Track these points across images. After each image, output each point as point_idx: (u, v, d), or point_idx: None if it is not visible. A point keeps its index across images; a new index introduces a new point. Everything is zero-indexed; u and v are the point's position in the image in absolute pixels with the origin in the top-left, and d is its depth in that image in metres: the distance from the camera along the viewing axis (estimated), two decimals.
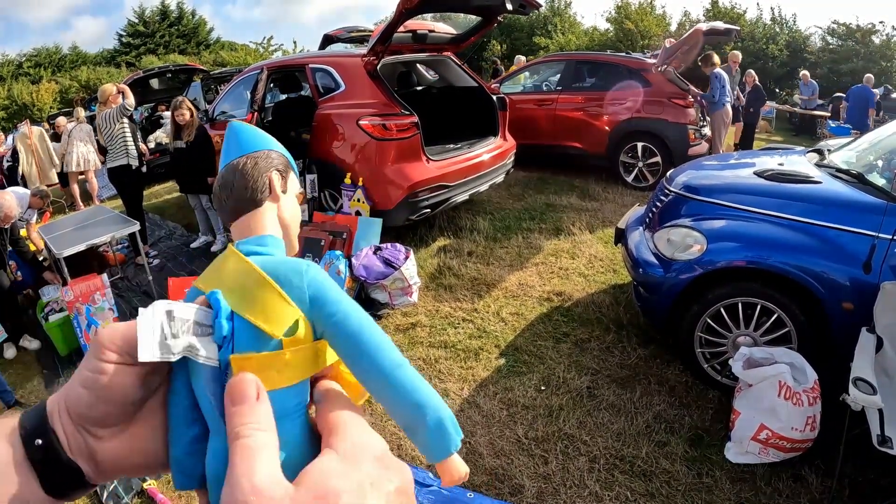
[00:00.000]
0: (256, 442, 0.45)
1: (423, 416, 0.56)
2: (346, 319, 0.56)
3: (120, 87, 6.27)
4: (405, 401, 0.56)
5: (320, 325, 0.55)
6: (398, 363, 0.57)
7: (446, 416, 0.58)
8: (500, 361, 3.75)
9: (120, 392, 0.51)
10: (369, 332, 0.56)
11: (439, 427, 0.57)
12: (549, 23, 25.63)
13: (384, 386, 0.55)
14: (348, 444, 0.47)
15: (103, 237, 4.95)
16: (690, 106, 7.47)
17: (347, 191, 5.29)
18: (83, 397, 0.51)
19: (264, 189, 0.69)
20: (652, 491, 2.63)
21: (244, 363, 0.51)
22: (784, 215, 3.09)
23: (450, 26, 6.59)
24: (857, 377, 2.25)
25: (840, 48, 19.33)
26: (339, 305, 0.56)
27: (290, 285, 0.55)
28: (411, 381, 0.57)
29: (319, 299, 0.55)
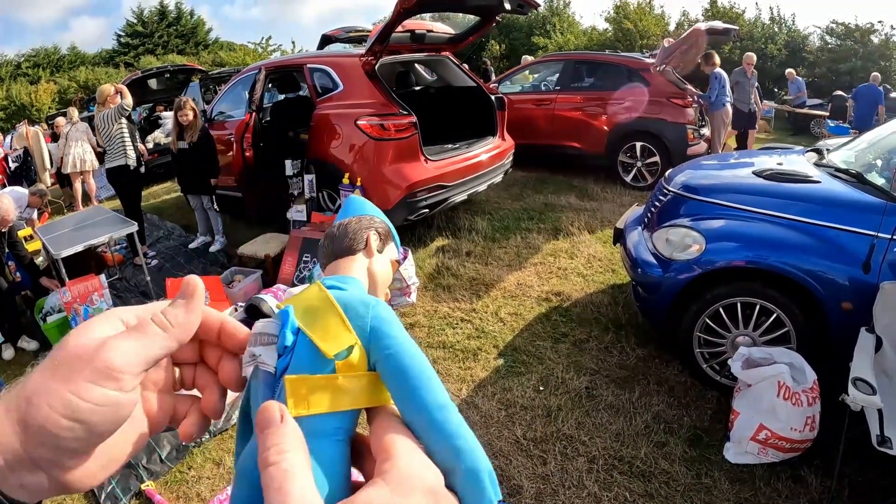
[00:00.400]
0: (287, 467, 0.42)
1: (459, 463, 0.54)
2: (400, 354, 0.55)
3: (118, 88, 6.24)
4: (445, 444, 0.54)
5: (374, 356, 0.56)
6: (443, 405, 0.56)
7: (483, 468, 0.57)
8: (499, 362, 3.74)
9: (122, 420, 0.45)
10: (420, 370, 0.56)
11: (474, 476, 0.56)
12: (548, 23, 25.65)
13: (427, 424, 0.54)
14: (400, 474, 0.45)
15: (101, 238, 4.93)
16: (689, 106, 7.47)
17: (346, 191, 5.28)
18: (68, 433, 0.42)
19: (361, 242, 0.79)
20: (651, 491, 2.63)
21: (297, 383, 0.52)
22: (783, 215, 3.08)
23: (448, 26, 6.58)
24: (856, 377, 2.25)
25: (839, 48, 19.34)
26: (396, 340, 0.56)
27: (355, 314, 0.57)
28: (455, 424, 0.55)
29: (379, 331, 0.57)
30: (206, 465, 3.05)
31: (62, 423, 0.41)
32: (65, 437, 0.41)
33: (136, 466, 3.02)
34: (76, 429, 0.42)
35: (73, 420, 0.41)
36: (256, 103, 6.04)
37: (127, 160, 6.07)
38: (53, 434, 0.41)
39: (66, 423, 0.41)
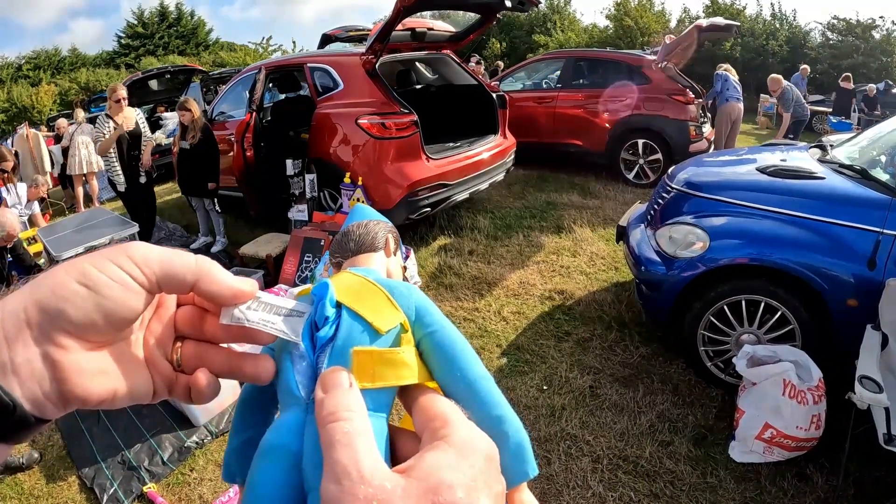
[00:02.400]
0: (355, 427, 0.41)
1: (504, 431, 0.59)
2: (443, 331, 0.59)
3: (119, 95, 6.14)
4: (489, 413, 0.59)
5: (419, 334, 0.59)
6: (485, 376, 0.60)
7: (527, 439, 0.62)
8: (502, 361, 3.72)
9: (124, 313, 0.44)
10: (462, 345, 0.60)
11: (519, 446, 0.60)
12: (549, 20, 25.62)
13: (471, 395, 0.58)
14: (461, 437, 0.43)
15: (102, 239, 4.92)
16: (691, 102, 7.44)
17: (347, 190, 5.26)
18: (76, 296, 0.41)
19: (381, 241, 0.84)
20: (656, 491, 2.61)
21: (364, 356, 0.53)
22: (787, 212, 3.06)
23: (448, 24, 6.56)
24: (862, 375, 2.23)
25: (840, 44, 19.29)
26: (439, 318, 0.61)
27: (399, 293, 0.60)
28: (497, 395, 0.60)
29: (423, 311, 0.60)
30: (209, 467, 3.04)
31: (72, 286, 0.41)
32: (71, 300, 0.41)
33: (138, 468, 3.01)
34: (83, 293, 0.41)
35: (83, 284, 0.41)
36: (257, 103, 6.02)
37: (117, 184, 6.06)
38: (60, 296, 0.41)
39: (75, 287, 0.41)
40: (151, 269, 0.44)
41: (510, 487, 0.59)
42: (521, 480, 0.61)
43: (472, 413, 0.58)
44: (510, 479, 0.59)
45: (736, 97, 8.29)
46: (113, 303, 0.43)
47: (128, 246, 0.44)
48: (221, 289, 0.48)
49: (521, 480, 0.61)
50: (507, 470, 0.56)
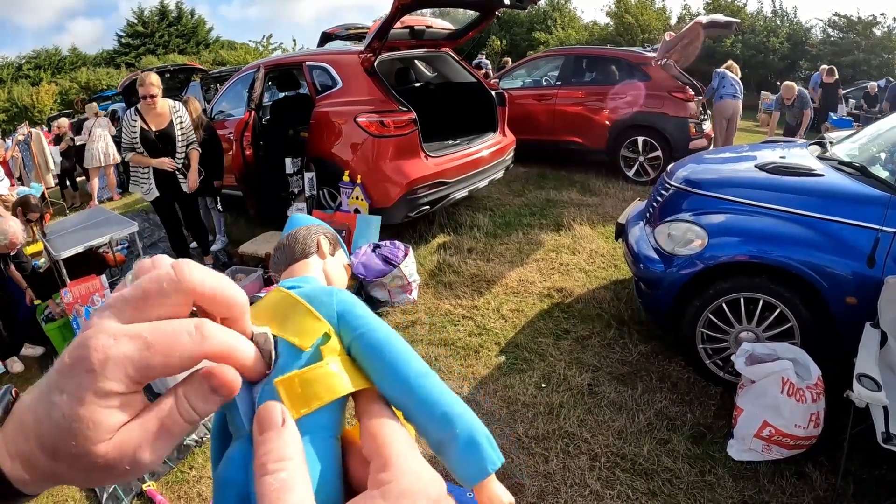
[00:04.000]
0: (285, 480, 0.39)
1: (451, 429, 0.54)
2: (372, 332, 0.56)
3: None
4: (432, 412, 0.54)
5: (347, 338, 0.56)
6: (423, 373, 0.55)
7: (480, 432, 0.56)
8: (501, 359, 3.72)
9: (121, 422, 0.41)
10: (394, 343, 0.56)
11: (471, 442, 0.55)
12: (549, 18, 25.64)
13: (409, 396, 0.53)
14: (401, 490, 0.41)
15: (102, 238, 4.92)
16: (691, 99, 7.43)
17: (346, 188, 5.26)
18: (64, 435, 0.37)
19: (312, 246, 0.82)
20: (654, 489, 2.60)
21: (289, 382, 0.50)
22: (786, 209, 3.05)
23: (447, 22, 6.55)
24: (861, 373, 2.22)
25: (841, 40, 19.30)
26: (364, 319, 0.57)
27: (321, 303, 0.57)
28: (438, 390, 0.55)
29: (347, 314, 0.57)
30: (208, 465, 3.04)
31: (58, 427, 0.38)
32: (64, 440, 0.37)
33: None
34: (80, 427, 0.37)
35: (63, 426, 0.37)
36: (256, 102, 6.01)
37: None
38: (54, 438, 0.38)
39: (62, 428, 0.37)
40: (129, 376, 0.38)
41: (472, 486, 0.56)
42: (481, 478, 0.57)
43: (415, 415, 0.54)
44: (470, 479, 0.55)
45: (731, 94, 8.29)
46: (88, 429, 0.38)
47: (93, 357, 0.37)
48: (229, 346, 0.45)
49: (480, 478, 0.57)
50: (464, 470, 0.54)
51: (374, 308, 4.44)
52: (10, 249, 4.30)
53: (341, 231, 4.94)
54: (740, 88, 8.45)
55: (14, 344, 4.43)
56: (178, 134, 4.85)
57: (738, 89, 8.38)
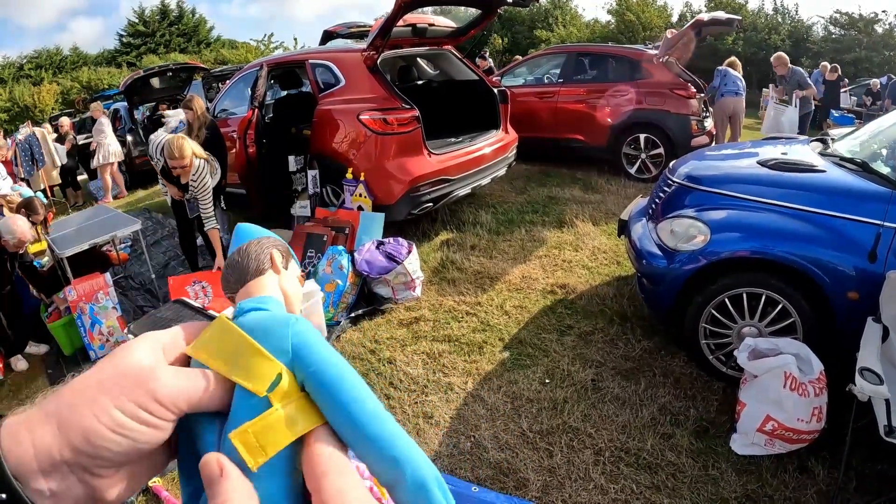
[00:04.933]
0: None
1: (401, 473, 0.52)
2: (323, 370, 0.54)
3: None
4: (381, 455, 0.52)
5: (300, 375, 0.54)
6: (375, 414, 0.54)
7: (430, 476, 0.53)
8: (504, 355, 3.73)
9: (155, 443, 0.49)
10: (349, 383, 0.54)
11: (420, 487, 0.52)
12: (550, 16, 25.62)
13: (358, 438, 0.53)
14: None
15: (105, 236, 4.94)
16: (692, 97, 7.43)
17: (349, 186, 5.27)
18: (112, 445, 0.45)
19: (266, 261, 0.76)
20: (658, 483, 2.62)
21: (243, 436, 0.50)
22: (788, 205, 3.06)
23: (449, 20, 6.56)
24: (863, 367, 2.24)
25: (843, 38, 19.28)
26: (318, 356, 0.55)
27: (273, 335, 0.55)
28: (389, 434, 0.53)
29: (300, 350, 0.55)
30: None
31: (107, 435, 0.45)
32: (108, 448, 0.45)
33: None
34: (118, 441, 0.45)
35: (117, 434, 0.45)
36: (259, 100, 6.03)
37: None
38: (97, 445, 0.45)
39: (111, 436, 0.45)
40: (179, 409, 0.49)
41: None
42: None
43: (365, 457, 0.53)
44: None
45: (733, 92, 8.29)
46: (146, 442, 0.48)
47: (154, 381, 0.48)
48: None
49: None
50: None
51: (377, 305, 4.46)
52: (19, 248, 4.32)
53: (344, 228, 4.96)
54: (743, 86, 8.45)
55: (18, 342, 4.45)
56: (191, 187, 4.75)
57: (741, 86, 8.38)
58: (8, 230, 4.15)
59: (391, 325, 4.23)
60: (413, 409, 3.27)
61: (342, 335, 4.15)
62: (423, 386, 3.47)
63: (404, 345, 3.96)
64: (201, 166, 4.58)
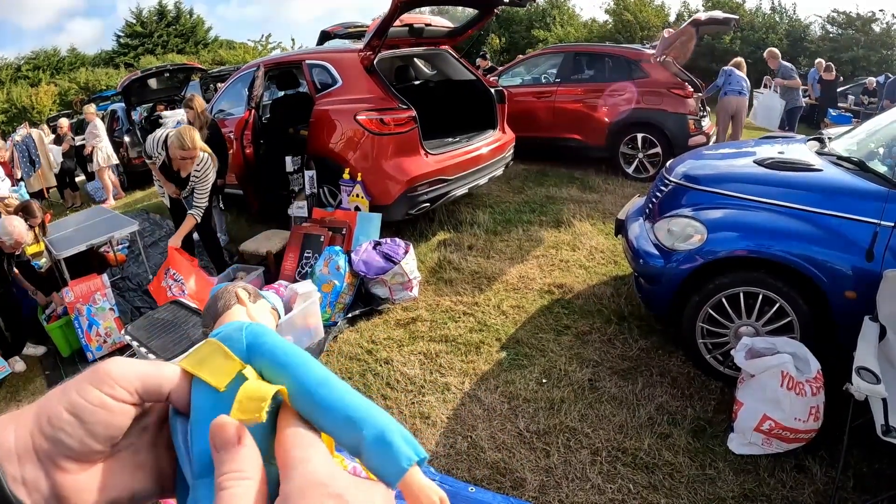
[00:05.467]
0: (236, 492, 0.42)
1: (358, 431, 0.52)
2: (272, 352, 0.56)
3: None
4: (337, 418, 0.52)
5: (257, 366, 0.55)
6: (323, 381, 0.54)
7: (389, 429, 0.52)
8: (502, 355, 3.73)
9: (114, 431, 0.48)
10: (293, 357, 0.56)
11: (380, 441, 0.52)
12: (548, 15, 25.61)
13: (313, 406, 0.53)
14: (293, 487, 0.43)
15: (102, 237, 4.93)
16: (690, 96, 7.43)
17: (346, 186, 5.27)
18: (67, 426, 0.45)
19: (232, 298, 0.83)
20: (655, 483, 2.62)
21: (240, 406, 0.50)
22: (785, 204, 3.06)
23: (447, 20, 6.56)
24: (860, 366, 2.23)
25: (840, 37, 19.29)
26: (268, 344, 0.57)
27: (231, 339, 0.57)
28: (340, 397, 0.53)
29: (253, 344, 0.57)
30: None
31: (63, 416, 0.45)
32: (64, 430, 0.45)
33: None
34: (73, 423, 0.45)
35: (71, 413, 0.45)
36: (256, 100, 6.02)
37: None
38: (56, 426, 0.45)
39: (66, 416, 0.45)
40: (132, 385, 0.48)
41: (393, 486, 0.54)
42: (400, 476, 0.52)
43: (324, 426, 0.53)
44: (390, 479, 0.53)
45: (737, 91, 8.30)
46: (100, 426, 0.47)
47: (109, 366, 0.48)
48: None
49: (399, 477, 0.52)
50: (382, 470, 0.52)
51: (375, 305, 4.46)
52: (16, 249, 4.31)
53: (341, 228, 4.95)
54: (747, 86, 8.47)
55: (16, 343, 4.44)
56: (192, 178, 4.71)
57: (745, 87, 8.39)
58: (5, 231, 4.15)
59: (388, 326, 4.23)
60: (410, 409, 3.27)
61: (339, 336, 4.15)
62: (420, 386, 3.47)
63: (401, 345, 3.95)
64: (205, 159, 4.57)
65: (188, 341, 3.30)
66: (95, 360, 4.27)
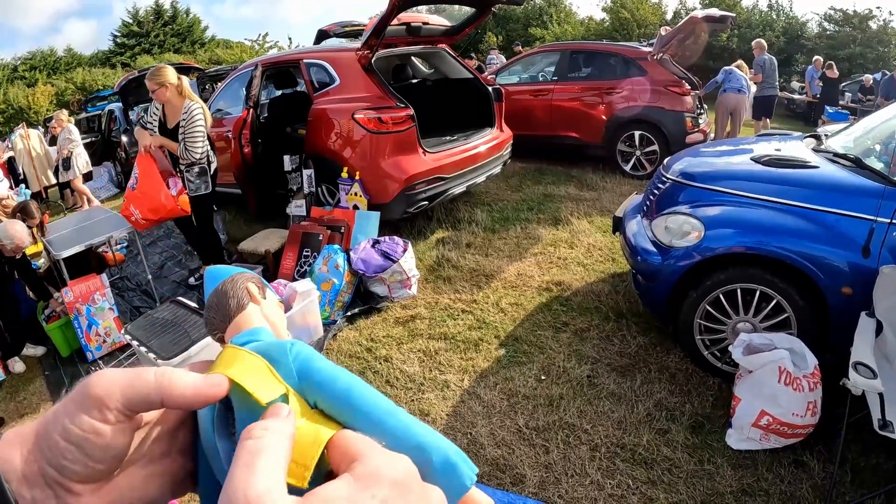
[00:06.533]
0: (262, 444, 0.40)
1: (427, 457, 0.56)
2: (334, 382, 0.56)
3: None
4: (405, 446, 0.54)
5: (312, 394, 0.56)
6: (391, 411, 0.57)
7: (452, 452, 0.58)
8: (500, 352, 3.74)
9: (115, 452, 0.47)
10: (358, 389, 0.57)
11: (447, 465, 0.57)
12: (545, 13, 25.60)
13: (384, 436, 0.54)
14: (365, 469, 0.42)
15: (101, 237, 4.93)
16: (687, 94, 7.45)
17: (344, 185, 5.27)
18: (67, 454, 0.45)
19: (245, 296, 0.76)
20: (653, 479, 2.63)
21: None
22: (782, 200, 3.08)
23: (444, 18, 6.56)
24: (857, 361, 2.25)
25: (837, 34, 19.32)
26: (323, 373, 0.57)
27: (278, 363, 0.56)
28: (406, 425, 0.57)
29: (306, 370, 0.57)
30: None
31: (60, 444, 0.44)
32: (65, 457, 0.44)
33: None
34: (72, 451, 0.44)
35: (67, 441, 0.44)
36: (253, 100, 6.02)
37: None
38: (56, 454, 0.44)
39: (63, 444, 0.44)
40: (116, 403, 0.46)
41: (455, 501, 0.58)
42: (462, 493, 0.59)
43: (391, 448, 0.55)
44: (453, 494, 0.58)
45: (736, 89, 8.37)
46: (98, 450, 0.46)
47: (90, 386, 0.46)
48: (187, 398, 0.48)
49: (462, 494, 0.59)
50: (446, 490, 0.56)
51: (373, 303, 4.47)
52: (16, 253, 4.32)
53: (340, 227, 4.96)
54: (747, 85, 8.51)
55: (16, 344, 4.44)
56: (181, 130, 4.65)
57: (745, 85, 8.44)
58: (6, 235, 4.15)
59: (387, 324, 4.24)
60: (409, 406, 3.28)
61: (338, 334, 4.15)
62: (420, 384, 3.48)
63: (400, 343, 3.96)
64: (189, 107, 4.53)
65: (188, 340, 3.30)
66: (95, 360, 4.28)
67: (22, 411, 3.86)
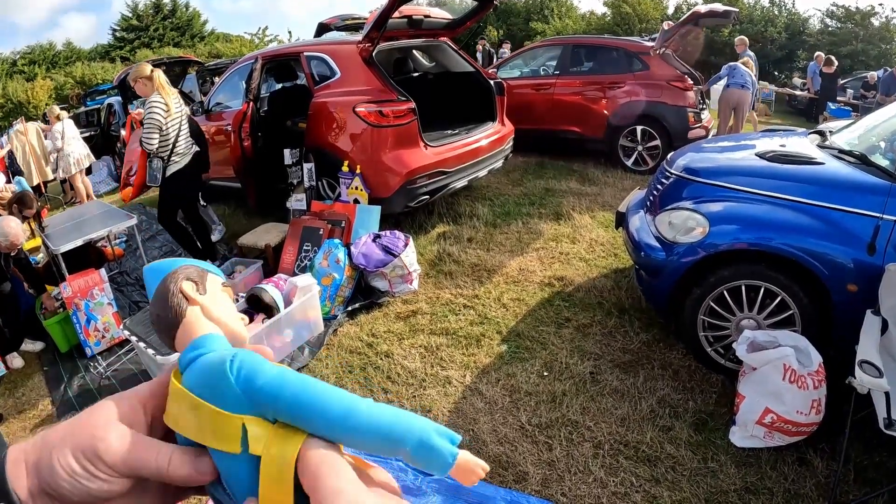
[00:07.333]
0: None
1: (402, 446, 0.54)
2: (279, 394, 0.53)
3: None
4: (375, 441, 0.54)
5: (265, 412, 0.54)
6: (346, 413, 0.54)
7: (427, 434, 0.55)
8: (502, 348, 3.72)
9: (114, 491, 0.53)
10: (307, 396, 0.54)
11: (421, 447, 0.55)
12: (546, 7, 25.54)
13: (347, 437, 0.54)
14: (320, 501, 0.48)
15: (100, 232, 4.91)
16: (689, 89, 7.42)
17: (345, 179, 5.24)
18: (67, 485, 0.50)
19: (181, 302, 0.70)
20: (657, 476, 2.62)
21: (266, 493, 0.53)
22: (786, 197, 3.05)
23: (445, 11, 6.53)
24: (862, 360, 2.23)
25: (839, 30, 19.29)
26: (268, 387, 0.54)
27: (224, 395, 0.54)
28: (368, 421, 0.54)
29: (250, 390, 0.54)
30: None
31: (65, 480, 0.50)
32: (65, 488, 0.50)
33: None
34: (72, 483, 0.50)
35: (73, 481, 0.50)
36: (253, 93, 5.98)
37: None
38: (58, 485, 0.50)
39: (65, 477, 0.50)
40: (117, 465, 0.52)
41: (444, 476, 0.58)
42: (447, 470, 0.57)
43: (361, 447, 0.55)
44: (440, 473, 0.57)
45: (740, 84, 8.35)
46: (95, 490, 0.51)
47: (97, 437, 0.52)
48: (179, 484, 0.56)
49: (447, 470, 0.57)
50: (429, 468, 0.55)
51: (374, 298, 4.44)
52: (12, 250, 4.29)
53: (340, 221, 4.94)
54: (752, 81, 8.48)
55: (14, 340, 4.42)
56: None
57: (749, 81, 8.41)
58: (1, 232, 4.12)
59: (388, 319, 4.22)
60: (411, 403, 3.26)
61: (339, 329, 4.13)
62: (421, 380, 3.46)
63: (402, 338, 3.94)
64: (152, 100, 4.74)
65: None
66: (94, 355, 4.26)
67: (20, 407, 3.84)
